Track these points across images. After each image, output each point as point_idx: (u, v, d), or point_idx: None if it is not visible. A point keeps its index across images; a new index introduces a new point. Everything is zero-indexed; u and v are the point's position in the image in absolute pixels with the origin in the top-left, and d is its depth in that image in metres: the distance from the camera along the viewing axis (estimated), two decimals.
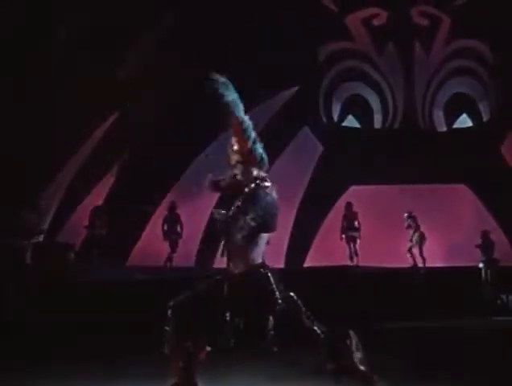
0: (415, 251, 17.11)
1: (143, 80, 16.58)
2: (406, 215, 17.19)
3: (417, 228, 17.15)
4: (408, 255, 17.11)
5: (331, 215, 18.78)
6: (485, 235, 15.92)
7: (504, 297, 14.54)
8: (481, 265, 15.43)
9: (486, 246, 15.73)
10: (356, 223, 17.27)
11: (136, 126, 17.22)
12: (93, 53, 15.51)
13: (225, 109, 4.78)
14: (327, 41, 20.12)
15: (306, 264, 18.02)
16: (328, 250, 17.56)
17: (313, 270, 16.45)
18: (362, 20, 20.32)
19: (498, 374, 6.45)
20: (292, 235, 18.15)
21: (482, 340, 9.63)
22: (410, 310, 12.51)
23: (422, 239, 17.11)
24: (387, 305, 12.45)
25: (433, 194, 18.53)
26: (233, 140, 4.89)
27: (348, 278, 14.40)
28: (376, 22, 20.30)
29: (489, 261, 15.45)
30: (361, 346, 4.64)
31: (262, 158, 4.85)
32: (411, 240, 17.13)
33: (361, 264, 16.76)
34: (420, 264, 16.94)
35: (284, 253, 17.71)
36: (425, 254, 17.04)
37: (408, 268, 16.62)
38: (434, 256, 17.19)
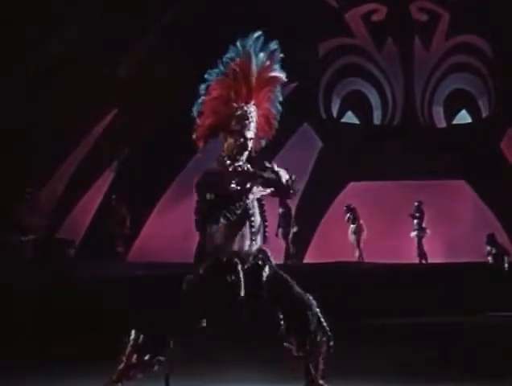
0: (360, 244, 17.14)
1: (143, 77, 16.58)
2: (345, 208, 17.24)
3: (356, 220, 17.17)
4: (356, 251, 17.12)
5: (330, 211, 18.80)
6: (418, 206, 16.92)
7: None
8: (413, 234, 16.94)
9: (420, 217, 16.86)
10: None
11: (136, 123, 17.22)
12: (94, 51, 15.51)
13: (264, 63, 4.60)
14: (326, 37, 20.10)
15: (305, 261, 18.02)
16: (327, 246, 17.57)
17: (313, 267, 16.45)
18: (362, 16, 20.32)
19: (498, 372, 6.46)
20: None
21: (481, 337, 9.64)
22: (409, 307, 12.52)
23: (360, 231, 17.14)
24: (386, 302, 12.46)
25: (432, 190, 18.53)
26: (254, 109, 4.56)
27: (348, 274, 14.39)
28: (375, 18, 20.30)
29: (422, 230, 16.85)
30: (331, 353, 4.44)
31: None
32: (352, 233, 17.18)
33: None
34: (360, 258, 16.96)
35: (283, 250, 17.70)
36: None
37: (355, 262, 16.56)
38: (433, 252, 17.21)
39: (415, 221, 17.01)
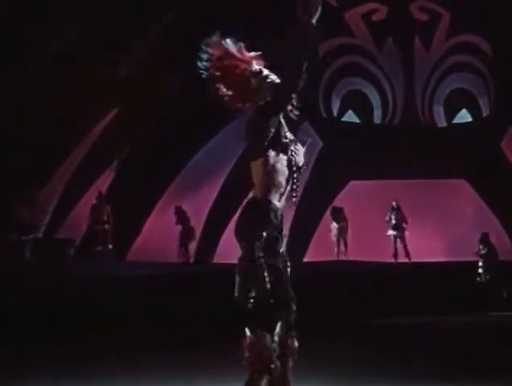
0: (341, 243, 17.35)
1: (143, 77, 16.58)
2: (331, 207, 17.34)
3: (342, 221, 17.18)
4: (335, 248, 17.27)
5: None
6: (395, 206, 16.94)
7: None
8: (389, 233, 17.13)
9: (397, 217, 17.00)
10: None
11: (136, 123, 17.23)
12: (94, 51, 15.50)
13: None
14: (326, 36, 20.08)
15: (305, 260, 18.02)
16: (327, 245, 17.58)
17: (312, 266, 16.45)
18: (362, 15, 20.30)
19: (498, 372, 6.46)
20: (292, 230, 18.12)
21: (481, 337, 9.65)
22: (409, 307, 12.53)
23: (344, 232, 17.19)
24: (386, 302, 12.46)
25: (433, 189, 18.54)
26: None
27: (348, 274, 14.40)
28: (375, 18, 20.28)
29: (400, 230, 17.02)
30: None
31: None
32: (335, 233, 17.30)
33: (359, 259, 16.77)
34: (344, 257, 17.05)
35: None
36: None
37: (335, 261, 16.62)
38: (434, 251, 17.20)
39: (393, 222, 17.06)
